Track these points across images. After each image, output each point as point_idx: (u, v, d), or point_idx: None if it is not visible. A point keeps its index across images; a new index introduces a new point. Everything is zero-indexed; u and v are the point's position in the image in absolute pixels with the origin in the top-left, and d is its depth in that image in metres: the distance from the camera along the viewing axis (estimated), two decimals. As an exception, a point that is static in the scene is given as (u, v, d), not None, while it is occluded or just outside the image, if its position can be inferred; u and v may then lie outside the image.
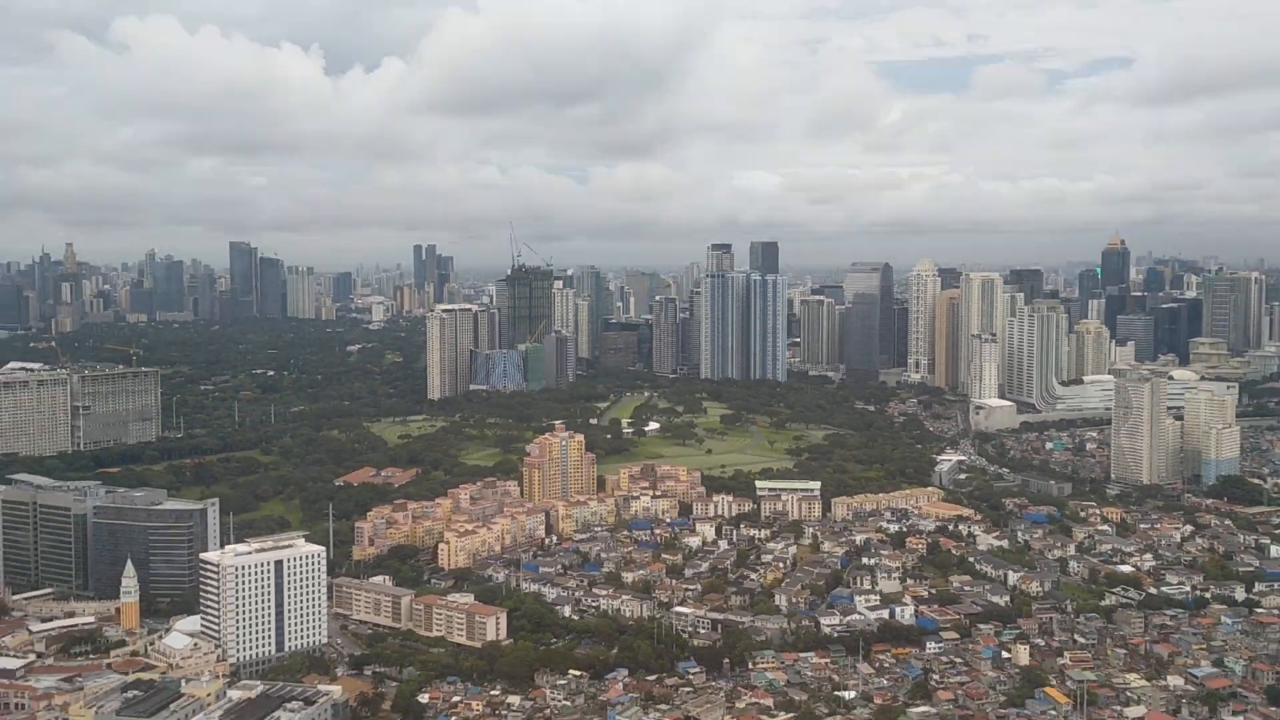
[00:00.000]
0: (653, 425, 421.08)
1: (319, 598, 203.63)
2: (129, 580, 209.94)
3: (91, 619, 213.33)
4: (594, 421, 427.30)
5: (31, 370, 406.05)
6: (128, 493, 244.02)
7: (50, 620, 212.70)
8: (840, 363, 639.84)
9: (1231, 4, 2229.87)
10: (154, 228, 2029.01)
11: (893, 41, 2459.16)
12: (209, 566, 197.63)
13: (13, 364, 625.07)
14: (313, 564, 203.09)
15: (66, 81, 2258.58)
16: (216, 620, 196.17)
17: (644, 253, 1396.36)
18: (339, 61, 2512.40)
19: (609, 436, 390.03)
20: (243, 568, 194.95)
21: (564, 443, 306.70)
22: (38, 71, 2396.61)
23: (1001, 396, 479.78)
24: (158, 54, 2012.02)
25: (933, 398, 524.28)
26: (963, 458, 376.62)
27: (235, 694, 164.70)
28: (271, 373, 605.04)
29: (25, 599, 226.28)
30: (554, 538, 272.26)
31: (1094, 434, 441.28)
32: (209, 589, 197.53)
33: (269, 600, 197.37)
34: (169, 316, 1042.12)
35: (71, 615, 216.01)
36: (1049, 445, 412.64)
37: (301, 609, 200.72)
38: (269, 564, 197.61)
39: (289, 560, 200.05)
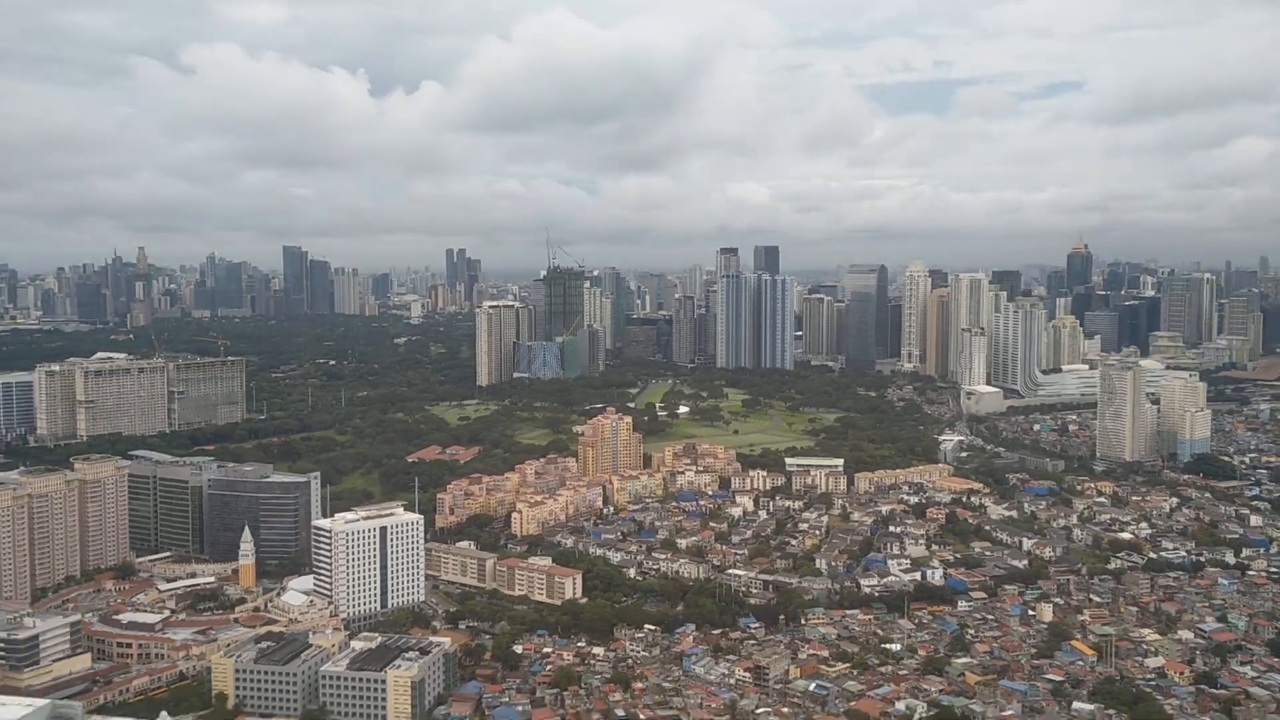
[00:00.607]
0: (683, 409, 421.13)
1: (417, 560, 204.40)
2: (246, 545, 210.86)
3: (212, 579, 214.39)
4: (631, 405, 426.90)
5: (113, 359, 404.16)
6: (238, 467, 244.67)
7: (175, 580, 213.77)
8: (838, 353, 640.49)
9: (1175, 33, 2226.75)
10: (210, 233, 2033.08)
11: (873, 66, 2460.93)
12: (322, 532, 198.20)
13: (100, 354, 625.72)
14: (412, 530, 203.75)
15: (139, 102, 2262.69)
16: (328, 580, 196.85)
17: (647, 256, 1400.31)
18: (382, 84, 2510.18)
19: (645, 419, 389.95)
20: (353, 533, 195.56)
21: (614, 424, 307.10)
22: (113, 93, 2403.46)
23: (989, 384, 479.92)
24: (222, 77, 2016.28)
25: (926, 385, 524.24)
26: (961, 438, 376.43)
27: (358, 644, 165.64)
28: (333, 362, 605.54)
29: (149, 560, 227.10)
30: (611, 508, 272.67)
31: (1073, 417, 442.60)
32: (322, 552, 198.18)
33: (374, 562, 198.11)
34: (229, 313, 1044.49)
35: (193, 576, 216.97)
36: (1036, 427, 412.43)
37: (402, 570, 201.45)
38: (375, 530, 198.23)
39: (391, 526, 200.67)
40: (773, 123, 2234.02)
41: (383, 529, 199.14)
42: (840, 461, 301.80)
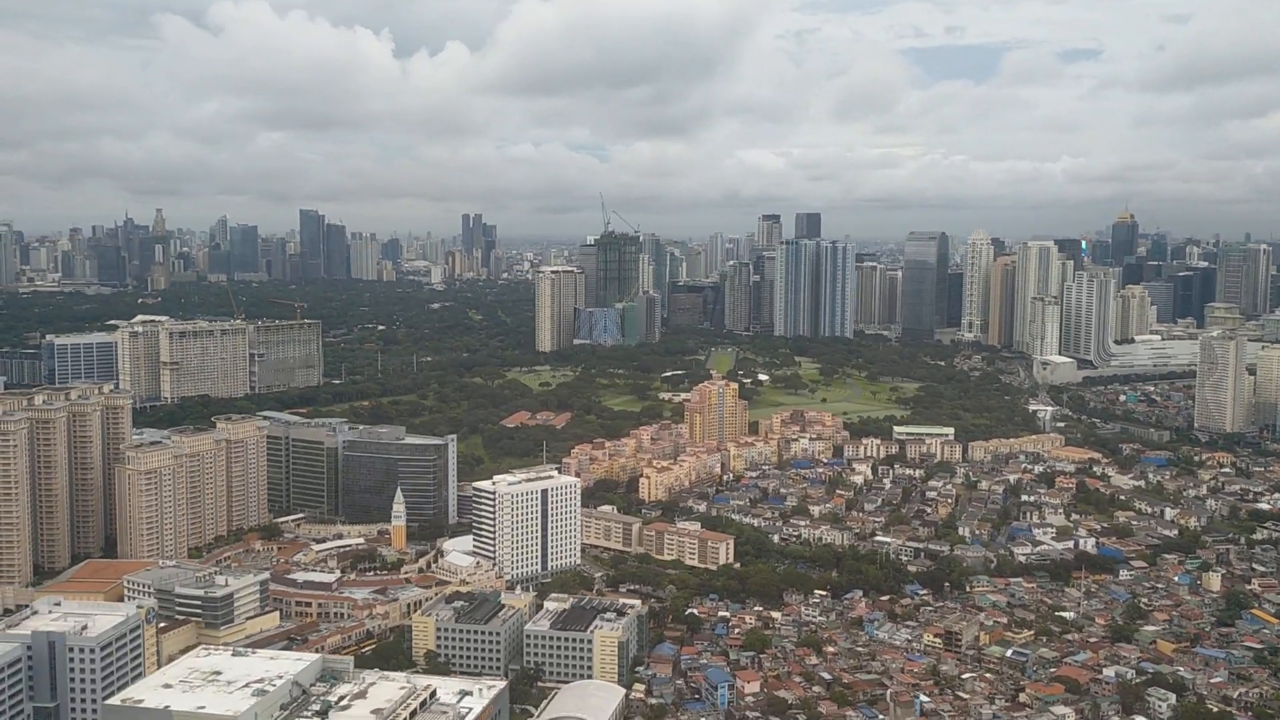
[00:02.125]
0: (762, 376, 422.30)
1: (575, 523, 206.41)
2: (399, 506, 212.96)
3: (360, 540, 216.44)
4: (714, 373, 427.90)
5: (155, 321, 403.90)
6: (371, 429, 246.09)
7: (323, 541, 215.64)
8: (891, 322, 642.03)
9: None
10: (211, 196, 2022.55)
11: (919, 27, 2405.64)
12: (484, 494, 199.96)
13: (140, 317, 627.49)
14: (570, 493, 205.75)
15: (162, 61, 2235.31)
16: (490, 541, 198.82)
17: (653, 224, 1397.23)
18: (407, 45, 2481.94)
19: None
20: (516, 495, 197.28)
21: (720, 391, 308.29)
22: (138, 52, 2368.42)
23: (1061, 354, 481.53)
24: (248, 35, 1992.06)
25: (994, 355, 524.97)
26: (1052, 408, 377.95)
27: (550, 605, 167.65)
28: (382, 327, 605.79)
29: (290, 521, 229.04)
30: (730, 474, 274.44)
31: (1151, 387, 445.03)
32: (484, 514, 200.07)
33: (536, 524, 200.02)
34: (245, 276, 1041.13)
35: (339, 537, 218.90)
36: (1122, 398, 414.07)
37: (561, 532, 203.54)
38: (536, 492, 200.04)
39: (552, 489, 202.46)
40: (806, 89, 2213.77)
41: (544, 491, 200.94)
42: (950, 430, 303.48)
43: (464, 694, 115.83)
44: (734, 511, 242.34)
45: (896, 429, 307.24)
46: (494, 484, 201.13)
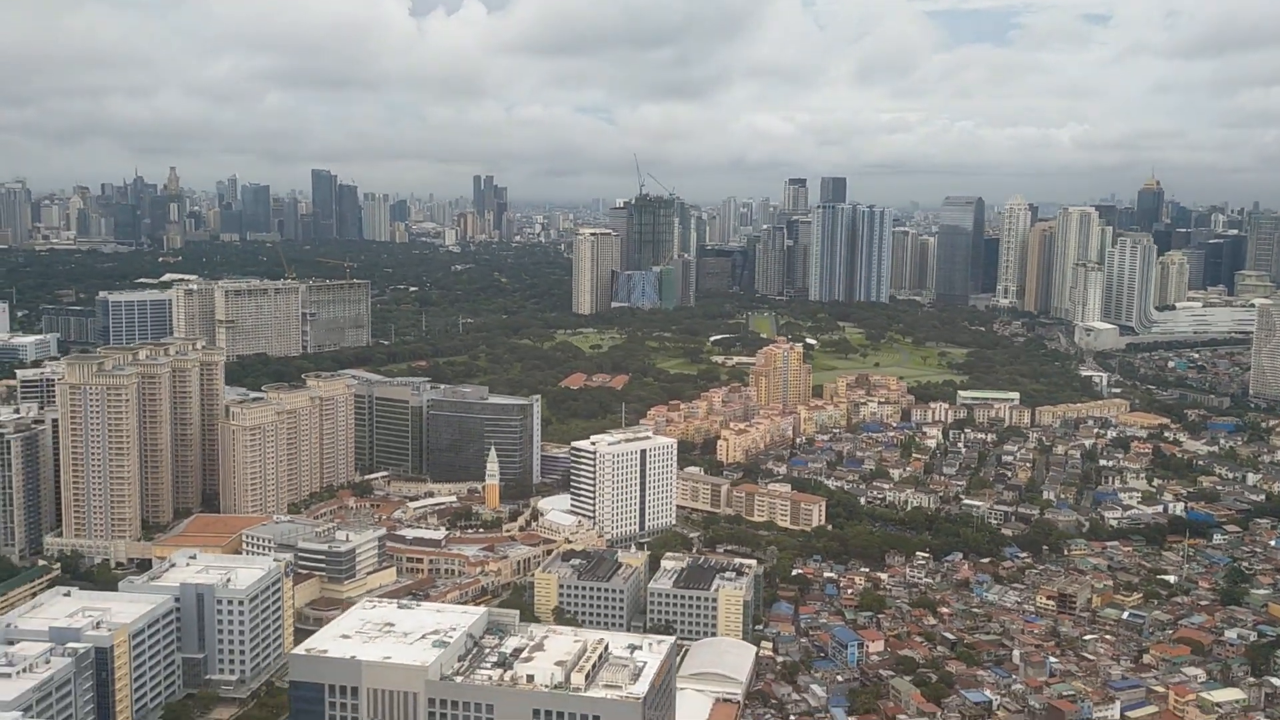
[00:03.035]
0: (810, 340, 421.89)
1: (671, 483, 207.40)
2: (493, 465, 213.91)
3: (452, 498, 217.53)
4: (763, 335, 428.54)
5: (184, 280, 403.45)
6: (455, 388, 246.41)
7: (415, 499, 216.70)
8: (921, 287, 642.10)
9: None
10: (213, 155, 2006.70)
11: None
12: (584, 453, 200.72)
13: (169, 275, 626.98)
14: (667, 453, 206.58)
15: (183, 18, 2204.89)
16: (590, 500, 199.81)
17: (654, 189, 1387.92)
18: (424, 3, 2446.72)
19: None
20: (617, 455, 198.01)
21: (785, 354, 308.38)
22: (163, 10, 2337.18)
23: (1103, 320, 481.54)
24: None
25: (1034, 320, 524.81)
26: (1105, 374, 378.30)
27: (668, 564, 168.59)
28: (413, 288, 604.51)
29: (378, 479, 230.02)
30: (801, 437, 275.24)
31: (1194, 354, 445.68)
32: (583, 473, 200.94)
33: (635, 484, 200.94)
34: (257, 236, 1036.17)
35: (430, 495, 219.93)
36: (1171, 364, 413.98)
37: (659, 493, 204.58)
38: (635, 453, 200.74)
39: (650, 450, 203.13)
40: (828, 52, 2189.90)
41: (643, 451, 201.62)
42: (1016, 395, 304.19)
43: (633, 648, 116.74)
44: (813, 474, 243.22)
45: (961, 393, 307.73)
46: (593, 444, 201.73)
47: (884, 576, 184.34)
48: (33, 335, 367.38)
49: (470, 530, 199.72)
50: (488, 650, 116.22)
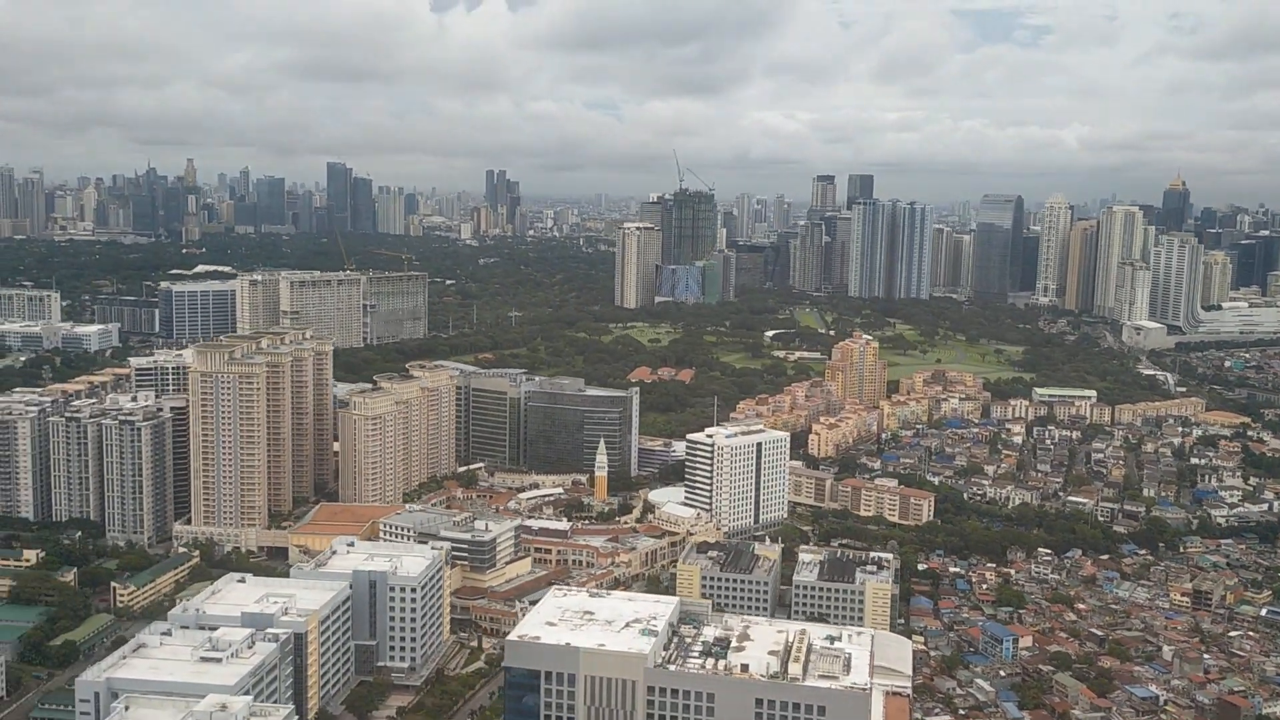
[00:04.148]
0: (865, 337, 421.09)
1: (784, 477, 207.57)
2: (601, 457, 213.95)
3: (559, 490, 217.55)
4: (825, 331, 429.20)
5: (222, 272, 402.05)
6: (552, 380, 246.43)
7: (522, 490, 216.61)
8: (956, 285, 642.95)
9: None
10: (217, 148, 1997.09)
11: None
12: (701, 446, 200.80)
13: (201, 267, 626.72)
14: (781, 447, 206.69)
15: (208, 9, 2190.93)
16: (706, 493, 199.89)
17: (656, 184, 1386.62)
18: None
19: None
20: (735, 448, 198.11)
21: (861, 349, 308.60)
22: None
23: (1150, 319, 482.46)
24: None
25: (1078, 319, 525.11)
26: (1167, 374, 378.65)
27: (805, 557, 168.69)
28: (450, 282, 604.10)
29: (482, 469, 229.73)
30: (886, 432, 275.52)
31: (1245, 354, 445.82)
32: (699, 465, 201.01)
33: (750, 477, 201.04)
34: (273, 229, 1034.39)
35: (535, 486, 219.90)
36: (1227, 363, 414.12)
37: (772, 486, 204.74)
38: (752, 445, 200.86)
39: (766, 443, 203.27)
40: (850, 50, 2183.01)
41: (759, 444, 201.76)
42: (1093, 393, 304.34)
43: (832, 639, 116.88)
44: (907, 469, 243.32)
45: (1037, 390, 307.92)
46: (710, 436, 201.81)
47: (1012, 572, 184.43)
48: (94, 325, 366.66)
49: (585, 521, 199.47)
50: (688, 639, 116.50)
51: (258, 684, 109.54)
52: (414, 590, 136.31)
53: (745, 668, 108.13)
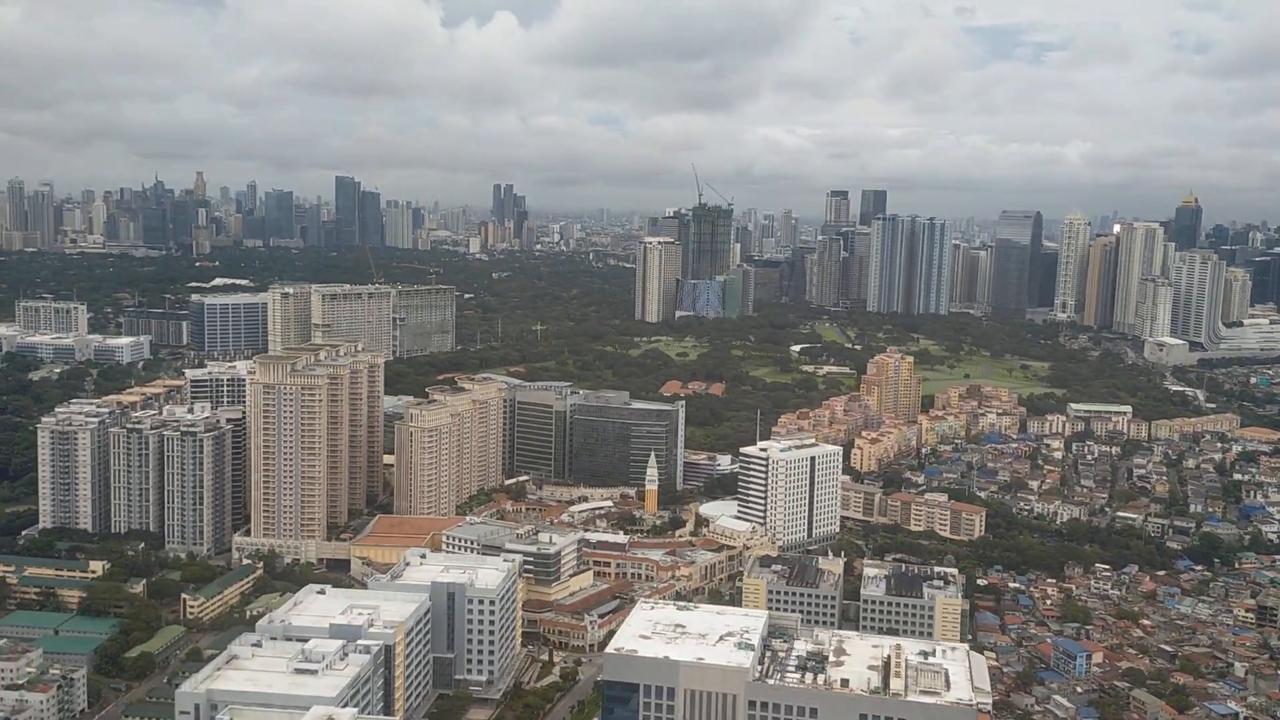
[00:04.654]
0: (900, 352, 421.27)
1: (837, 491, 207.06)
2: (652, 470, 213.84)
3: (608, 503, 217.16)
4: (854, 346, 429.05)
5: (240, 285, 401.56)
6: (597, 393, 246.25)
7: (571, 503, 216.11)
8: (971, 300, 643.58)
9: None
10: (219, 161, 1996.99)
11: (987, 6, 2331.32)
12: (755, 460, 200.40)
13: (218, 280, 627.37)
14: (833, 461, 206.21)
15: (221, 23, 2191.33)
16: (760, 506, 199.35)
17: (658, 199, 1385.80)
18: (457, 12, 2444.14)
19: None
20: (789, 462, 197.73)
21: (896, 364, 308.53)
22: (202, 15, 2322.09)
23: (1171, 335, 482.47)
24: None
25: (1098, 334, 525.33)
26: (1196, 390, 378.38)
27: (870, 571, 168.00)
28: (469, 295, 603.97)
29: (529, 482, 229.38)
30: (925, 447, 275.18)
31: (1268, 370, 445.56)
32: (753, 479, 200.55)
33: (804, 491, 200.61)
34: (282, 243, 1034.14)
35: (584, 499, 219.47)
36: (1253, 380, 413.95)
37: (825, 500, 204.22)
38: (806, 459, 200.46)
39: (819, 457, 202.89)
40: (861, 66, 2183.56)
41: (812, 459, 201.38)
42: (1129, 409, 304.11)
43: (925, 654, 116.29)
44: (951, 484, 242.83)
45: (1072, 406, 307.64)
46: (764, 450, 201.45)
47: (1072, 588, 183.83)
48: (126, 338, 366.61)
49: (639, 535, 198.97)
50: (781, 653, 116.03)
51: (355, 696, 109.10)
52: (492, 602, 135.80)
53: (846, 683, 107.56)
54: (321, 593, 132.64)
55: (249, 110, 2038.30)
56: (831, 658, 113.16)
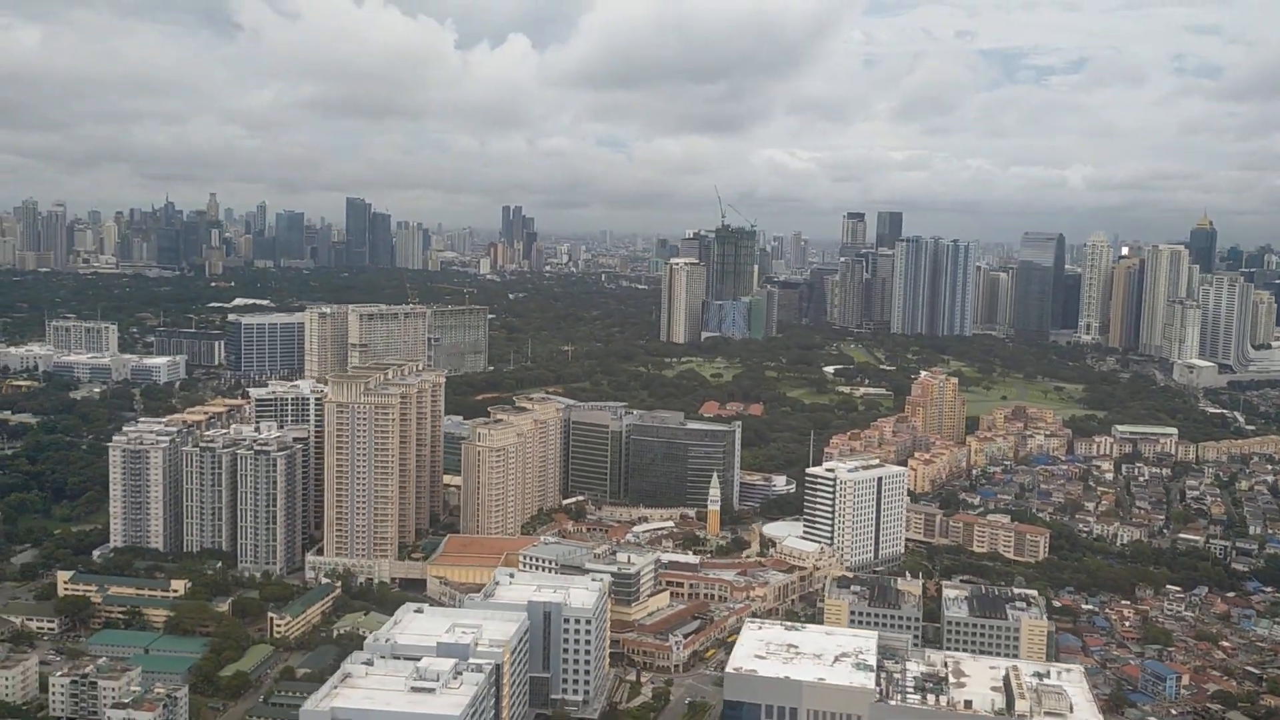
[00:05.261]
0: (924, 373, 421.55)
1: (902, 512, 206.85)
2: (715, 491, 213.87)
3: (669, 523, 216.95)
4: (888, 367, 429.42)
5: (261, 305, 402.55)
6: (653, 414, 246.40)
7: (631, 524, 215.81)
8: (992, 322, 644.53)
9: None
10: (225, 183, 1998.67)
11: (999, 31, 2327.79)
12: (822, 480, 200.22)
13: (239, 299, 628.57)
14: (899, 482, 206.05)
15: (238, 46, 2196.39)
16: (827, 527, 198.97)
17: (660, 221, 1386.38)
18: (470, 35, 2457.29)
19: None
20: (857, 482, 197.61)
21: (940, 384, 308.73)
22: (216, 38, 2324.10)
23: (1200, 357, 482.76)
24: (322, 22, 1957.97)
25: (1126, 356, 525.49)
26: (1229, 411, 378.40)
27: (950, 593, 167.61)
28: (492, 315, 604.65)
29: (586, 503, 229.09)
30: (975, 469, 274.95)
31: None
32: (819, 499, 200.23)
33: (871, 512, 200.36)
34: (292, 264, 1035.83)
35: (644, 520, 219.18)
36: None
37: (891, 521, 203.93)
38: (873, 480, 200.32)
39: (885, 478, 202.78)
40: (873, 89, 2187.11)
41: (879, 479, 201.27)
42: (1174, 430, 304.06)
43: (1039, 675, 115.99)
44: (1005, 505, 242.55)
45: (1117, 428, 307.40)
46: (830, 471, 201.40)
47: (1147, 609, 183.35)
48: (163, 357, 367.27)
49: (706, 555, 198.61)
50: (895, 674, 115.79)
51: (474, 715, 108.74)
52: (589, 621, 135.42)
53: (969, 704, 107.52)
54: (419, 611, 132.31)
55: (259, 133, 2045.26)
56: (951, 679, 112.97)
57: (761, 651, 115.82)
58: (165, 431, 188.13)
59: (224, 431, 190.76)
